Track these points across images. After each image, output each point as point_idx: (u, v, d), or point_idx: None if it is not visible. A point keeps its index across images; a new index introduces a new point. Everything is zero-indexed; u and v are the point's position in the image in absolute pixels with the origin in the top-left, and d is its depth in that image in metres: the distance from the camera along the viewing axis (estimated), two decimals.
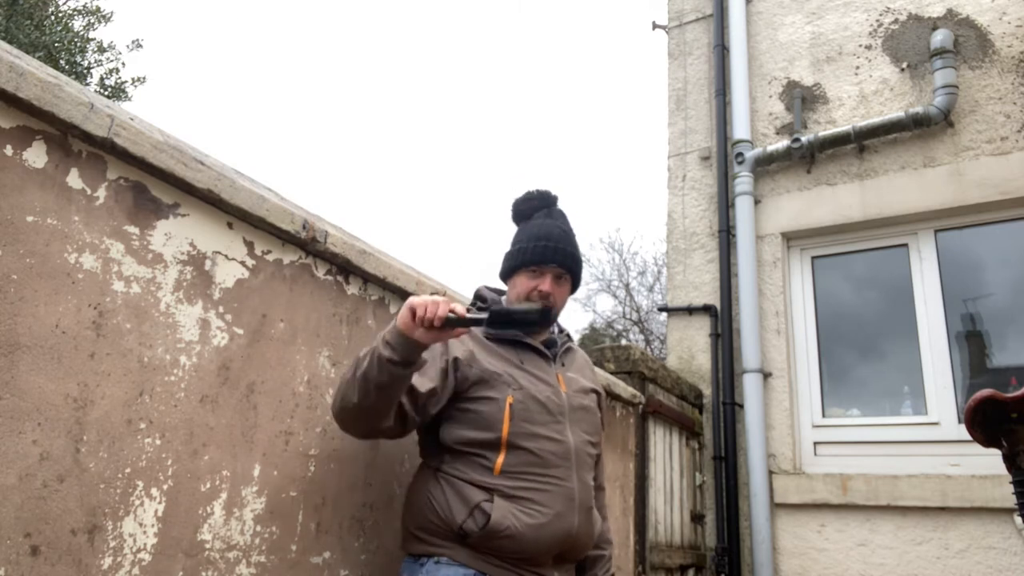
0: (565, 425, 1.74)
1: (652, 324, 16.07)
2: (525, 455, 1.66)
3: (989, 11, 4.16)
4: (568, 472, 1.70)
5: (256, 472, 1.56)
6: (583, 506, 1.71)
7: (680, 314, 4.68)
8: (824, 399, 4.20)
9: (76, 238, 1.28)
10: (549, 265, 1.83)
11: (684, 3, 5.38)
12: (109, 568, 1.27)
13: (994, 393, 2.12)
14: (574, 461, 1.72)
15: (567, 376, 1.84)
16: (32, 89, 1.20)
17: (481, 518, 1.59)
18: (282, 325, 1.66)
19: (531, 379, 1.74)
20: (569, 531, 1.66)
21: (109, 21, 11.29)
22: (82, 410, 1.25)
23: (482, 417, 1.67)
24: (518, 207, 1.94)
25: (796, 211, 4.44)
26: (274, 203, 1.64)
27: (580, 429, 1.78)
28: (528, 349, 1.81)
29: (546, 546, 1.64)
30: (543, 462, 1.67)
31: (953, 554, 3.53)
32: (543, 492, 1.65)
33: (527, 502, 1.62)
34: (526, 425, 1.67)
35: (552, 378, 1.79)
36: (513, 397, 1.68)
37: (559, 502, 1.66)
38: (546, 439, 1.69)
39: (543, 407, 1.71)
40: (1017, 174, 3.83)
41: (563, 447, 1.71)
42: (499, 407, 1.67)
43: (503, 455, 1.65)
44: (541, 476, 1.66)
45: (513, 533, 1.59)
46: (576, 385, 1.85)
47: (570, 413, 1.77)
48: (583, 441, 1.78)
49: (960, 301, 3.99)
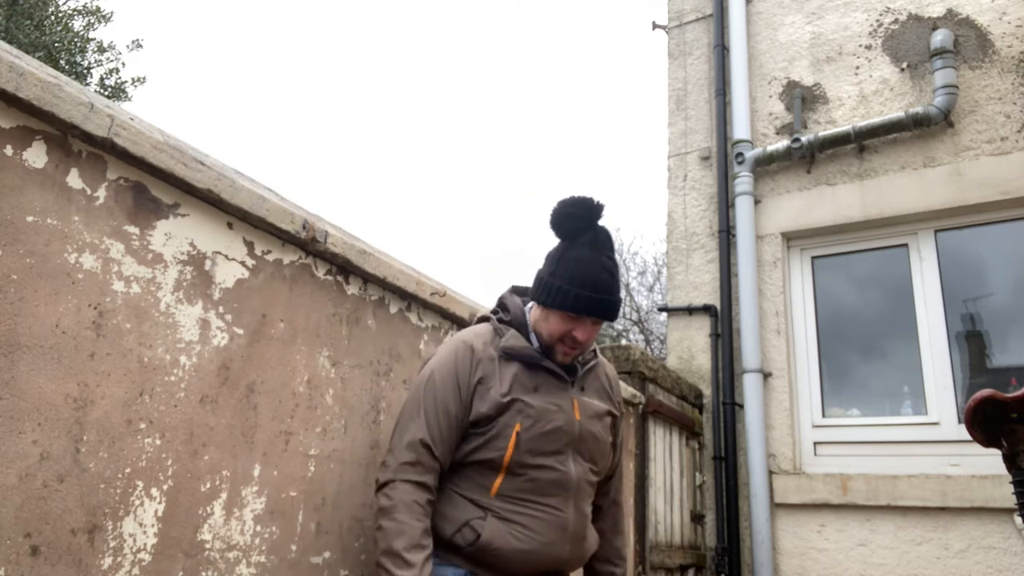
0: (568, 456, 1.72)
1: (652, 324, 16.06)
2: (523, 482, 1.67)
3: (989, 11, 4.16)
4: (565, 503, 1.70)
5: (256, 472, 1.56)
6: (576, 536, 1.72)
7: (680, 314, 4.68)
8: (824, 399, 4.20)
9: (76, 238, 1.28)
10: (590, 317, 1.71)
11: (684, 3, 5.38)
12: (109, 568, 1.27)
13: (994, 393, 2.12)
14: (573, 492, 1.72)
15: (583, 401, 1.79)
16: (32, 89, 1.19)
17: (470, 535, 1.61)
18: (282, 325, 1.66)
19: (543, 407, 1.70)
20: (558, 559, 1.69)
21: (109, 21, 11.29)
22: (82, 410, 1.25)
23: (487, 441, 1.67)
24: (561, 222, 1.74)
25: (796, 211, 4.44)
26: (274, 203, 1.64)
27: (584, 459, 1.76)
28: (545, 372, 1.74)
29: (532, 571, 1.67)
30: (540, 490, 1.67)
31: (953, 554, 3.53)
32: (537, 519, 1.66)
33: (520, 527, 1.64)
34: (528, 456, 1.67)
35: (567, 404, 1.75)
36: (521, 425, 1.67)
37: (552, 532, 1.66)
38: (548, 469, 1.68)
39: (550, 437, 1.70)
40: (1017, 174, 3.83)
41: (564, 477, 1.70)
42: (506, 435, 1.66)
43: (501, 478, 1.66)
44: (536, 504, 1.67)
45: (501, 554, 1.62)
46: (590, 410, 1.80)
47: (577, 443, 1.75)
48: (585, 471, 1.76)
49: (960, 301, 3.99)
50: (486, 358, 1.72)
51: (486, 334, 1.78)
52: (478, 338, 1.77)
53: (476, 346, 1.74)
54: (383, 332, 1.96)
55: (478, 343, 1.75)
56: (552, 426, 1.69)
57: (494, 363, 1.72)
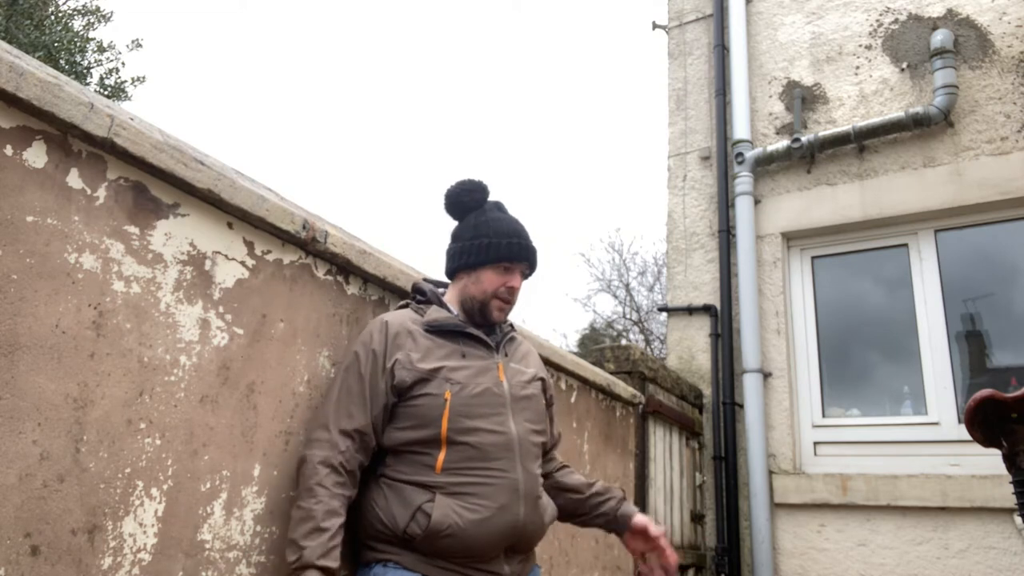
0: (507, 416, 1.73)
1: (652, 324, 16.06)
2: (466, 449, 1.65)
3: (989, 11, 4.16)
4: (511, 463, 1.69)
5: (256, 472, 1.56)
6: (529, 496, 1.70)
7: (680, 314, 4.68)
8: (824, 399, 4.20)
9: (76, 238, 1.28)
10: (521, 263, 1.86)
11: (684, 3, 5.39)
12: (109, 568, 1.27)
13: (994, 393, 2.13)
14: (517, 452, 1.71)
15: (509, 366, 1.83)
16: (32, 89, 1.19)
17: (423, 520, 1.58)
18: (282, 325, 1.66)
19: (471, 371, 1.74)
20: (515, 523, 1.66)
21: (109, 21, 11.29)
22: (82, 410, 1.25)
23: (421, 415, 1.67)
24: (460, 198, 1.90)
25: (796, 211, 4.44)
26: (274, 203, 1.64)
27: (523, 419, 1.77)
28: (470, 339, 1.80)
29: (492, 540, 1.63)
30: (484, 455, 1.66)
31: (953, 554, 3.53)
32: (486, 486, 1.64)
33: (470, 497, 1.62)
34: (465, 420, 1.67)
35: (494, 368, 1.79)
36: (451, 392, 1.68)
37: (503, 494, 1.65)
38: (487, 432, 1.68)
39: (483, 399, 1.71)
40: (1017, 174, 3.83)
41: (505, 438, 1.70)
42: (438, 403, 1.66)
43: (443, 452, 1.65)
44: (483, 470, 1.65)
45: (455, 531, 1.58)
46: (519, 375, 1.84)
47: (512, 403, 1.76)
48: (527, 431, 1.77)
49: (960, 301, 3.99)
50: (403, 331, 1.74)
51: (405, 313, 1.83)
52: (396, 316, 1.80)
53: (392, 321, 1.76)
54: None
55: (394, 319, 1.77)
56: (481, 387, 1.72)
57: (412, 336, 1.74)
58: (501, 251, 1.82)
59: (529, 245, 1.87)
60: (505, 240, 1.83)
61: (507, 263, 1.83)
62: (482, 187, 1.91)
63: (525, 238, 1.87)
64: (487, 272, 1.83)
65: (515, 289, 1.85)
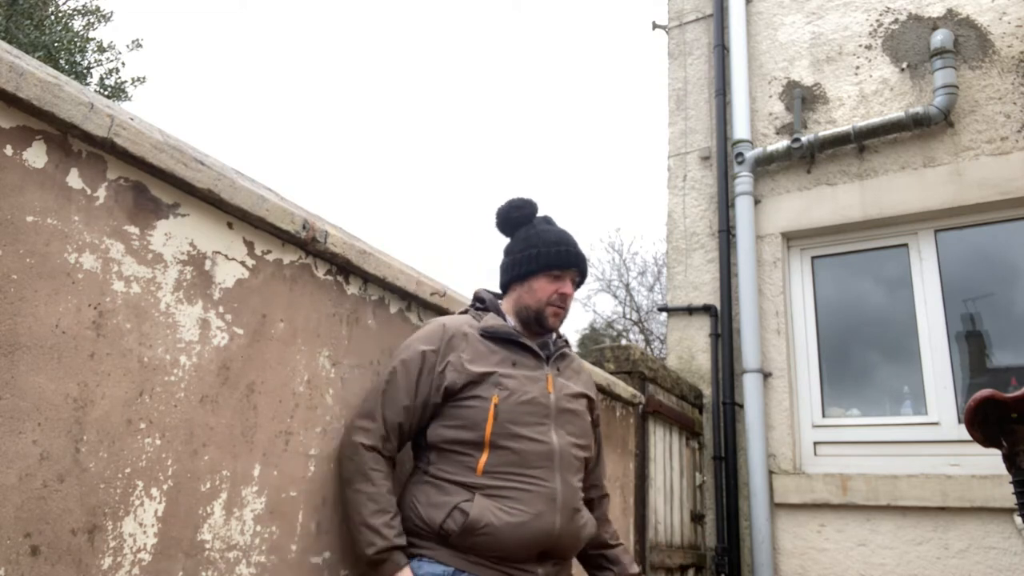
0: (550, 427, 1.77)
1: (652, 324, 16.07)
2: (507, 455, 1.69)
3: (989, 11, 4.16)
4: (551, 473, 1.72)
5: (256, 472, 1.56)
6: (567, 506, 1.72)
7: (680, 314, 4.68)
8: (824, 399, 4.20)
9: (76, 238, 1.28)
10: (571, 269, 1.91)
11: (684, 3, 5.39)
12: (109, 568, 1.27)
13: (994, 393, 2.13)
14: (558, 462, 1.74)
15: (558, 381, 1.87)
16: (32, 89, 1.19)
17: (460, 517, 1.63)
18: (282, 325, 1.66)
19: (520, 380, 1.77)
20: (549, 531, 1.68)
21: (109, 21, 11.29)
22: (82, 410, 1.25)
23: (467, 416, 1.71)
24: (510, 215, 1.98)
25: (796, 211, 4.44)
26: (274, 203, 1.64)
27: (566, 431, 1.80)
28: (522, 349, 1.85)
29: (525, 544, 1.66)
30: (525, 462, 1.70)
31: (953, 554, 3.53)
32: (524, 491, 1.67)
33: (507, 500, 1.66)
34: (509, 426, 1.70)
35: (543, 379, 1.83)
36: (499, 397, 1.72)
37: (540, 502, 1.68)
38: (529, 439, 1.72)
39: (528, 408, 1.75)
40: (1017, 174, 3.83)
41: (547, 448, 1.74)
42: (484, 407, 1.71)
43: (486, 455, 1.69)
44: (522, 476, 1.69)
45: (491, 530, 1.62)
46: (566, 389, 1.87)
47: (556, 415, 1.80)
48: (569, 443, 1.79)
49: (960, 301, 3.99)
50: (459, 334, 1.80)
51: (463, 317, 1.90)
52: (454, 319, 1.87)
53: (449, 324, 1.83)
54: (383, 332, 1.96)
55: (452, 323, 1.85)
56: (529, 396, 1.76)
57: (467, 339, 1.80)
58: (551, 259, 1.88)
59: (578, 252, 1.93)
60: (554, 248, 1.89)
61: (557, 271, 1.89)
62: (530, 203, 1.98)
63: (573, 246, 1.93)
64: (539, 280, 1.89)
65: (567, 295, 1.90)
